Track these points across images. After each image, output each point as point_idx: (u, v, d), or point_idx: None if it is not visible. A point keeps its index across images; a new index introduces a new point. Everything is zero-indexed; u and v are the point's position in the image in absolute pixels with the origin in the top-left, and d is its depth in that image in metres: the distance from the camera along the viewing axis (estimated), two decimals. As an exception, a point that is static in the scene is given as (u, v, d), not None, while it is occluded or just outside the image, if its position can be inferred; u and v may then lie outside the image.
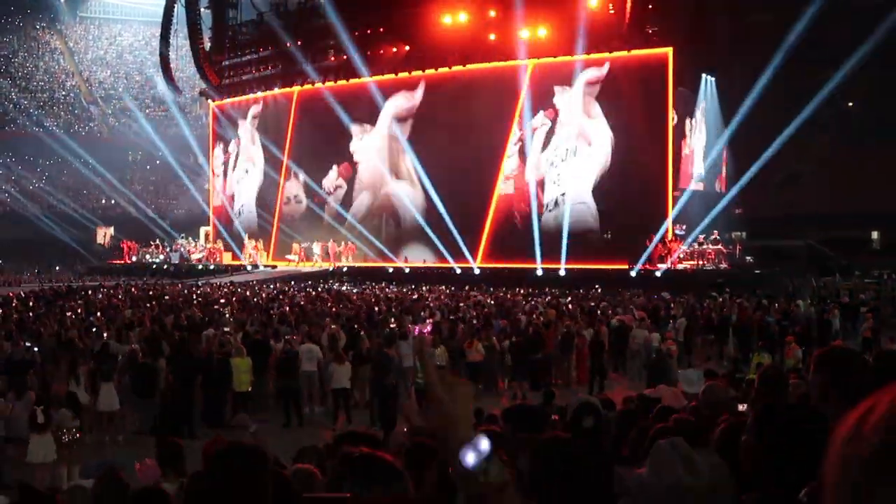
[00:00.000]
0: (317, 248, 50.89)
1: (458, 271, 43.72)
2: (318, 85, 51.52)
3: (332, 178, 52.72)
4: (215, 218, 59.46)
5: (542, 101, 44.60)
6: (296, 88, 53.79)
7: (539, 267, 42.20)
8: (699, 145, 45.79)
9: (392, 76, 49.05)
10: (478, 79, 46.06)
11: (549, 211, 44.53)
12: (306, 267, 50.30)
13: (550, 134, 44.86)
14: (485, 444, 2.05)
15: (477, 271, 43.51)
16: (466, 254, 44.32)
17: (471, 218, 44.99)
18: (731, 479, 3.55)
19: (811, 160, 48.79)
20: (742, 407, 6.94)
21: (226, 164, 59.31)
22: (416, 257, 48.23)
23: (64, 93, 79.38)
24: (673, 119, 41.58)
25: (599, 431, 4.78)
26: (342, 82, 50.61)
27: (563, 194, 44.10)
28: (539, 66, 44.74)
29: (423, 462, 4.39)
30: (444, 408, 2.11)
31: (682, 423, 5.01)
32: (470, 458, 2.03)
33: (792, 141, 47.86)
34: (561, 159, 44.35)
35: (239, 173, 58.14)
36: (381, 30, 48.27)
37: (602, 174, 42.92)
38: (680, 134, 43.15)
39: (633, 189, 41.40)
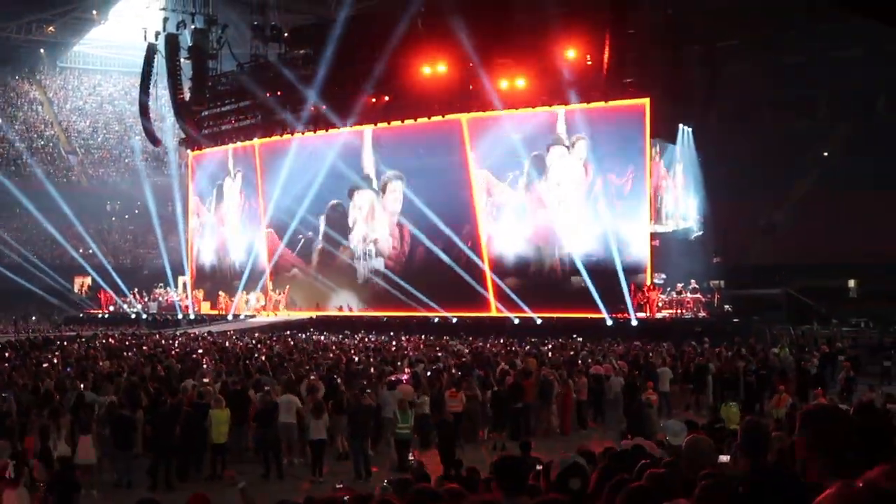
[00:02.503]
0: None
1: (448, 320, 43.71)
2: (298, 135, 51.74)
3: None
4: (193, 267, 59.33)
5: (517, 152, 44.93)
6: (261, 140, 54.80)
7: (514, 317, 42.33)
8: (677, 195, 46.00)
9: (372, 126, 49.35)
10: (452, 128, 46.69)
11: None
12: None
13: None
14: None
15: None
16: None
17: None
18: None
19: (789, 209, 49.17)
20: (724, 458, 6.90)
21: (202, 215, 59.46)
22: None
23: (42, 142, 79.09)
24: (650, 168, 41.89)
25: (586, 493, 4.75)
26: (321, 132, 50.89)
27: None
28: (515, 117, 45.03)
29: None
30: None
31: (657, 478, 4.99)
32: None
33: (769, 190, 48.35)
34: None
35: (223, 226, 58.22)
36: (362, 80, 48.35)
37: (579, 225, 43.15)
38: (657, 183, 43.41)
39: (610, 238, 41.64)
